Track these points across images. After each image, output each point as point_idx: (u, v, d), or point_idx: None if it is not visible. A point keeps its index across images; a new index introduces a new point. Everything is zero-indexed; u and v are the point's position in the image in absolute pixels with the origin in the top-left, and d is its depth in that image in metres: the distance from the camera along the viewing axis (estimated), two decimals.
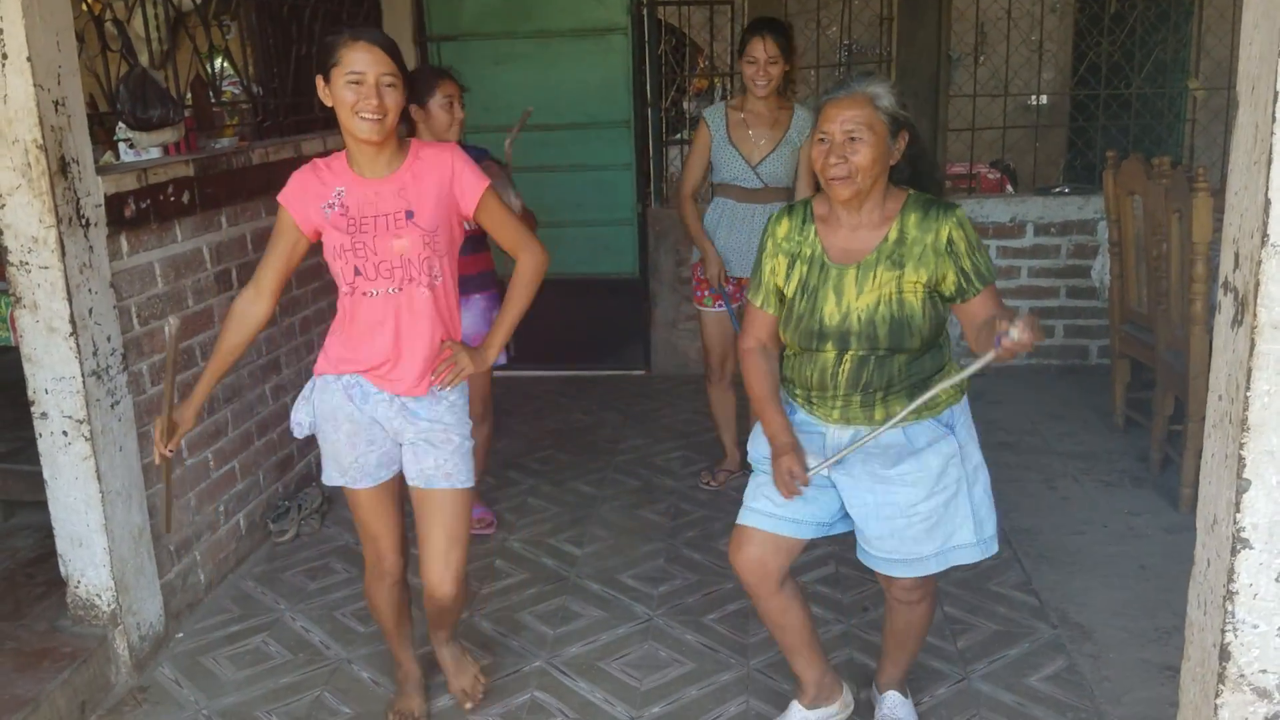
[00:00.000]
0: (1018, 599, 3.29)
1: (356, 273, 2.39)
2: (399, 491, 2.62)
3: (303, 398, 2.57)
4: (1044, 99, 6.56)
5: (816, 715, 2.61)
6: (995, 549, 2.41)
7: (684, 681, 2.92)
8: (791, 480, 2.26)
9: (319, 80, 2.35)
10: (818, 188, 2.36)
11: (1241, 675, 1.69)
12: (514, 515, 4.02)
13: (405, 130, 3.57)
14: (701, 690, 2.88)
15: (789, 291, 2.33)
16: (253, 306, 2.49)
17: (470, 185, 2.45)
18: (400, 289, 2.40)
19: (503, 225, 2.56)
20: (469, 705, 2.81)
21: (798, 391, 2.39)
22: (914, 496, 2.30)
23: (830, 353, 2.29)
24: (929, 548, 2.34)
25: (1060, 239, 5.45)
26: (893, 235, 2.24)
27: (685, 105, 7.35)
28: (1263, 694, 1.69)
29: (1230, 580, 1.66)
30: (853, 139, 2.17)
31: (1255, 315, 1.56)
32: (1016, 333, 1.90)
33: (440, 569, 2.53)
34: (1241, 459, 1.61)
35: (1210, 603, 1.74)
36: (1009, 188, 6.77)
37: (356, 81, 2.28)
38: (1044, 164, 6.46)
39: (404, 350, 2.43)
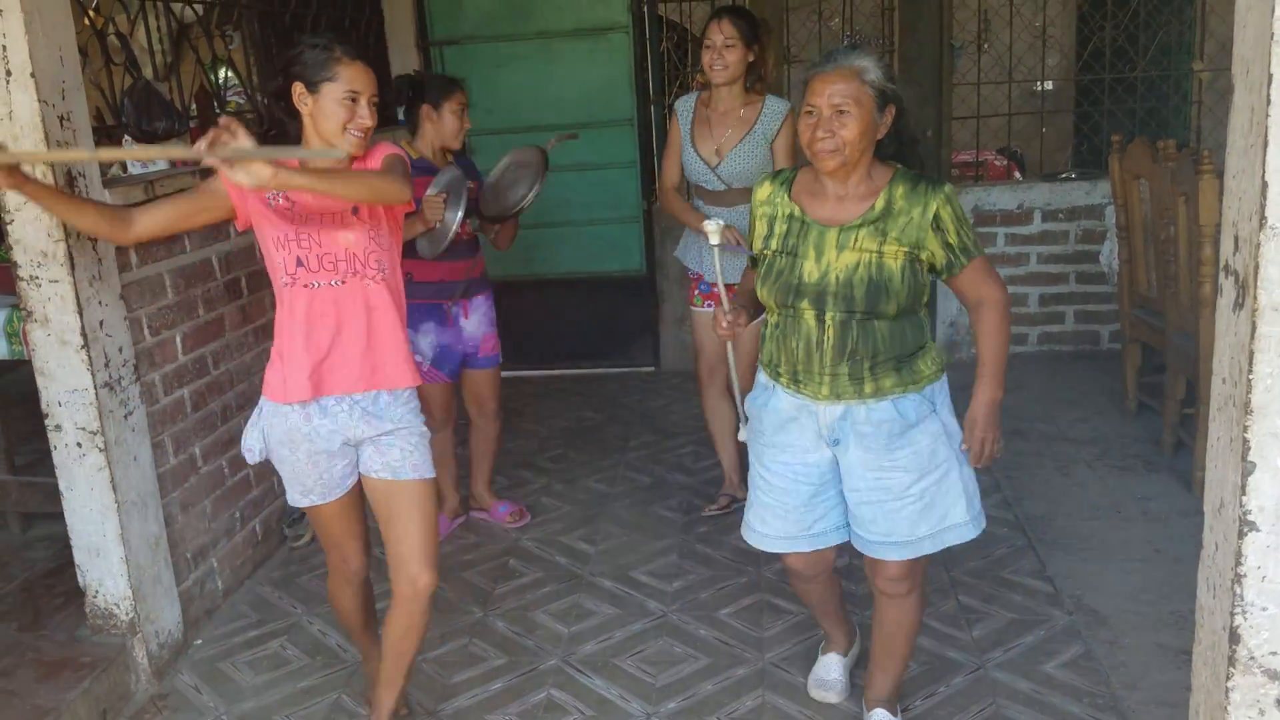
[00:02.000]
0: (1032, 586, 3.29)
1: (299, 263, 2.36)
2: (360, 493, 2.59)
3: (252, 423, 2.52)
4: (1049, 85, 6.52)
5: (852, 657, 2.87)
6: (984, 524, 2.44)
7: (699, 677, 2.93)
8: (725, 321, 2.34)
9: (297, 86, 2.33)
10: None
11: (1251, 658, 1.69)
12: (512, 518, 4.02)
13: (410, 130, 3.63)
14: (717, 685, 2.89)
15: (769, 249, 2.34)
16: (109, 214, 2.31)
17: (373, 158, 2.41)
18: (344, 282, 2.38)
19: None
20: None
21: (782, 370, 2.37)
22: (907, 480, 2.32)
23: (809, 314, 2.28)
24: (923, 528, 2.35)
25: (1068, 224, 5.44)
26: (879, 205, 2.24)
27: (667, 108, 7.32)
28: (1273, 676, 1.69)
29: (1238, 563, 1.66)
30: (840, 112, 2.17)
31: (1256, 298, 1.56)
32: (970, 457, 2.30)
33: (419, 559, 2.48)
34: (1246, 442, 1.61)
35: (1219, 586, 1.74)
36: (1016, 174, 6.74)
37: (351, 99, 2.31)
38: (1050, 150, 6.44)
39: (348, 343, 2.40)
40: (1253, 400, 1.59)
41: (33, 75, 2.60)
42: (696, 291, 3.84)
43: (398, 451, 2.48)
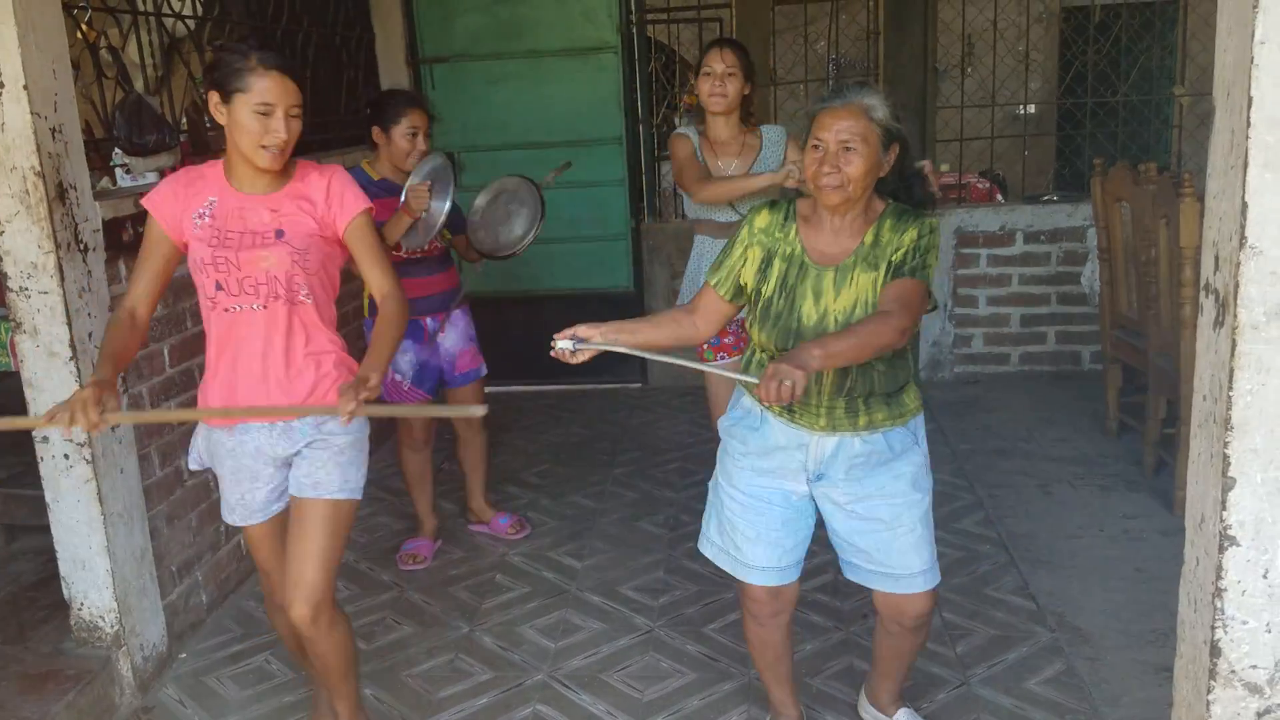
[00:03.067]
0: (1015, 603, 3.31)
1: (218, 287, 2.29)
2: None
3: (197, 431, 2.49)
4: (1031, 108, 6.62)
5: None
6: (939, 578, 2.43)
7: (685, 692, 2.94)
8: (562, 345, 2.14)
9: (213, 96, 2.24)
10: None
11: (1232, 671, 1.72)
12: (513, 529, 4.03)
13: (369, 148, 3.56)
14: (703, 700, 2.90)
15: (765, 289, 2.31)
16: (128, 332, 2.30)
17: (347, 204, 2.37)
18: (265, 306, 2.29)
19: (369, 254, 2.39)
20: None
21: (775, 405, 2.32)
22: (896, 509, 2.33)
23: None
24: (927, 557, 2.37)
25: (1050, 246, 5.50)
26: (869, 239, 2.26)
27: (676, 121, 7.39)
28: (1253, 689, 1.72)
29: (1219, 578, 1.69)
30: (847, 149, 2.18)
31: (1236, 316, 1.59)
32: (755, 384, 2.01)
33: (289, 587, 2.36)
34: (1226, 458, 1.64)
35: (1200, 600, 1.76)
36: (999, 197, 6.82)
37: (264, 113, 2.21)
38: (1033, 173, 6.52)
39: (270, 369, 2.32)
40: (1233, 417, 1.63)
41: (25, 87, 2.61)
42: (706, 346, 3.52)
43: (305, 468, 2.37)
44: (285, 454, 2.39)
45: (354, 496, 2.42)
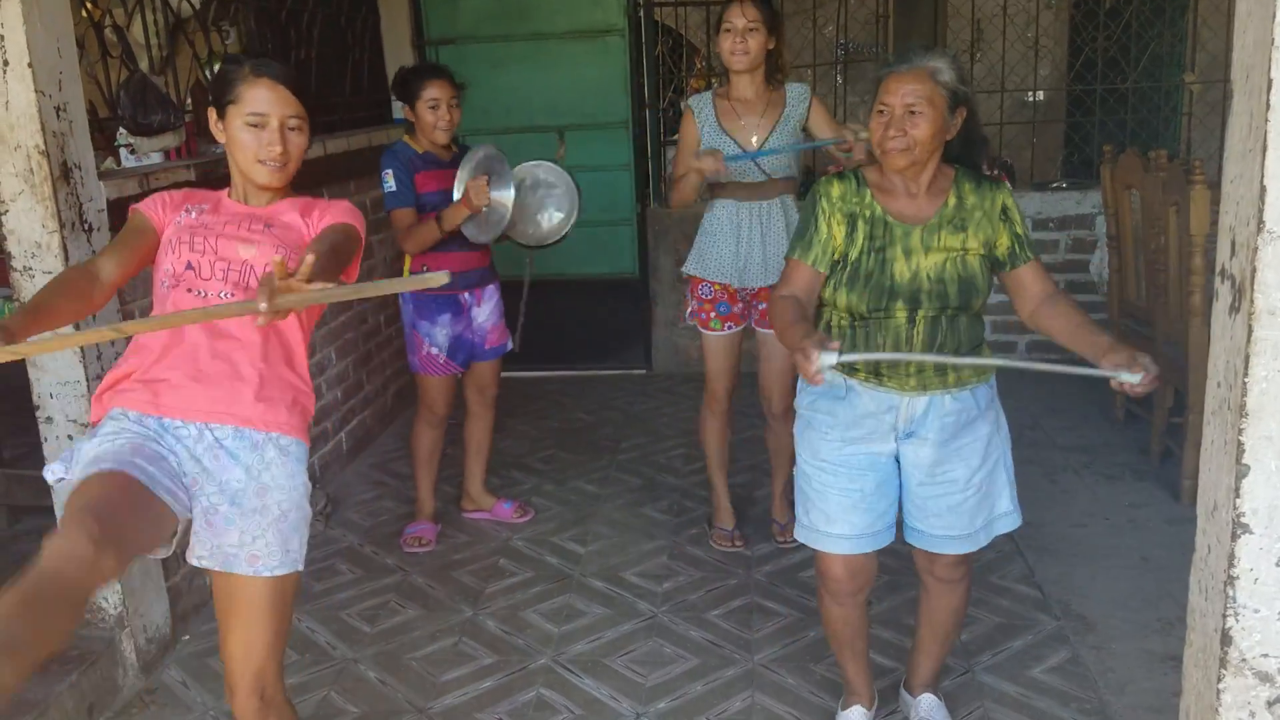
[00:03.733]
0: (1021, 592, 3.30)
1: (188, 266, 2.02)
2: (138, 501, 1.86)
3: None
4: (1040, 95, 6.57)
5: (874, 713, 2.67)
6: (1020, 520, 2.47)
7: (689, 677, 2.94)
8: (810, 365, 1.97)
9: (211, 113, 2.09)
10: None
11: (1243, 659, 1.70)
12: (517, 514, 4.02)
13: (406, 128, 3.63)
14: (706, 686, 2.89)
15: (852, 252, 2.27)
16: (77, 283, 1.99)
17: (336, 214, 2.15)
18: (233, 295, 2.01)
19: (331, 246, 2.01)
20: None
21: (859, 367, 2.29)
22: (969, 470, 2.34)
23: (901, 314, 2.25)
24: (979, 520, 2.39)
25: (1059, 234, 5.47)
26: (952, 201, 2.28)
27: (683, 105, 7.35)
28: (1264, 678, 1.70)
29: (1231, 565, 1.67)
30: (913, 112, 2.18)
31: (1253, 302, 1.57)
32: (1138, 382, 2.00)
33: (236, 675, 2.06)
34: (1240, 445, 1.62)
35: (1211, 588, 1.75)
36: (1007, 184, 6.77)
37: (256, 125, 2.04)
38: (1041, 160, 6.47)
39: (230, 364, 2.01)
40: (1248, 404, 1.60)
41: (30, 65, 2.59)
42: (714, 314, 3.49)
43: (235, 535, 1.98)
44: (195, 480, 1.98)
45: (296, 569, 2.06)
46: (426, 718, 2.80)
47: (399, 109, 5.40)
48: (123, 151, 3.34)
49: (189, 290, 2.02)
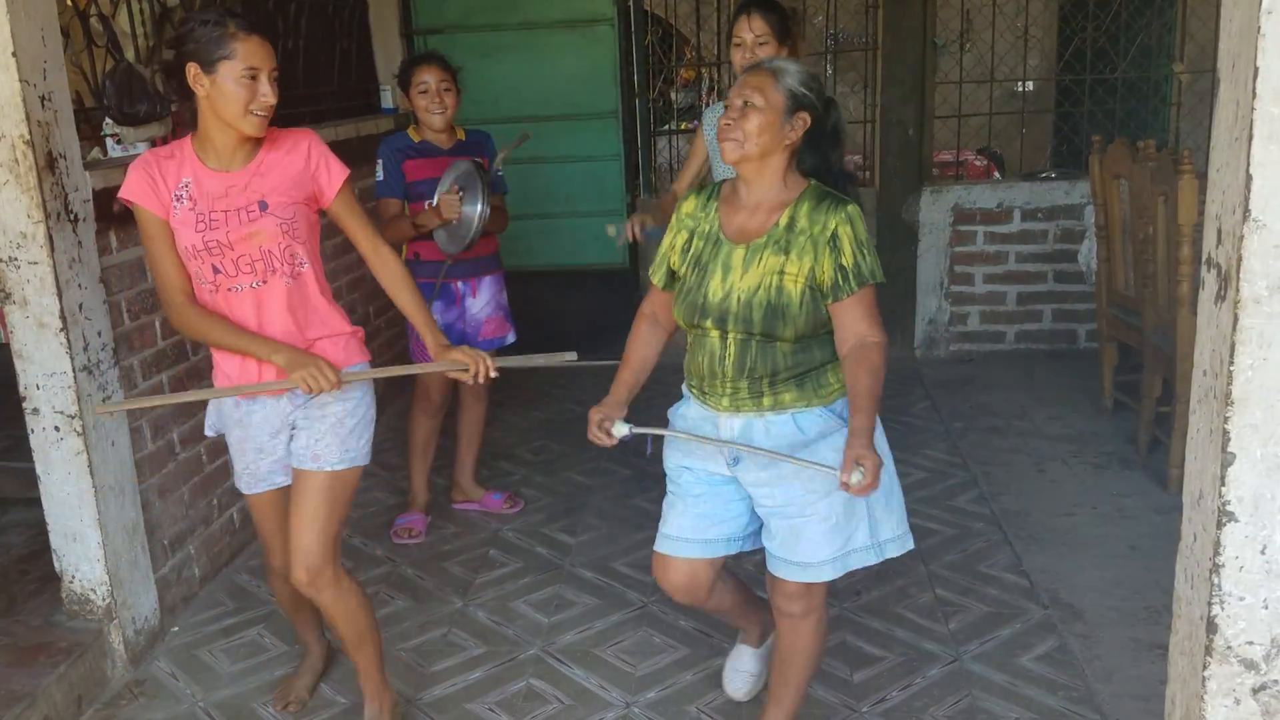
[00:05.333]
0: (1008, 580, 3.32)
1: (216, 271, 2.30)
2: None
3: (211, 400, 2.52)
4: (1030, 85, 6.56)
5: (765, 649, 2.74)
6: (903, 548, 2.33)
7: (678, 667, 2.94)
8: (596, 430, 2.33)
9: (191, 68, 2.19)
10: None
11: (1229, 647, 1.71)
12: (506, 505, 4.02)
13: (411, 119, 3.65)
14: (695, 675, 2.90)
15: (681, 267, 2.33)
16: (199, 309, 2.36)
17: (334, 174, 2.41)
18: (264, 282, 2.32)
19: (357, 220, 2.47)
20: None
21: (692, 383, 2.38)
22: (811, 496, 2.23)
23: (714, 334, 2.26)
24: (826, 552, 2.26)
25: (1047, 224, 5.48)
26: (784, 221, 2.23)
27: (673, 96, 7.35)
28: (1249, 665, 1.71)
29: (1216, 554, 1.68)
30: (746, 104, 2.20)
31: (1238, 290, 1.58)
32: (855, 481, 2.03)
33: (290, 553, 2.42)
34: (1226, 433, 1.63)
35: (1197, 576, 1.75)
36: (995, 174, 6.78)
37: (252, 77, 2.19)
38: (1030, 150, 6.48)
39: (286, 338, 2.35)
40: (1233, 392, 1.61)
41: (14, 54, 2.57)
42: None
43: (304, 439, 2.41)
44: (286, 418, 2.42)
45: (355, 465, 2.45)
46: (416, 708, 2.80)
47: (391, 98, 5.40)
48: (109, 141, 3.33)
49: (229, 291, 2.32)
